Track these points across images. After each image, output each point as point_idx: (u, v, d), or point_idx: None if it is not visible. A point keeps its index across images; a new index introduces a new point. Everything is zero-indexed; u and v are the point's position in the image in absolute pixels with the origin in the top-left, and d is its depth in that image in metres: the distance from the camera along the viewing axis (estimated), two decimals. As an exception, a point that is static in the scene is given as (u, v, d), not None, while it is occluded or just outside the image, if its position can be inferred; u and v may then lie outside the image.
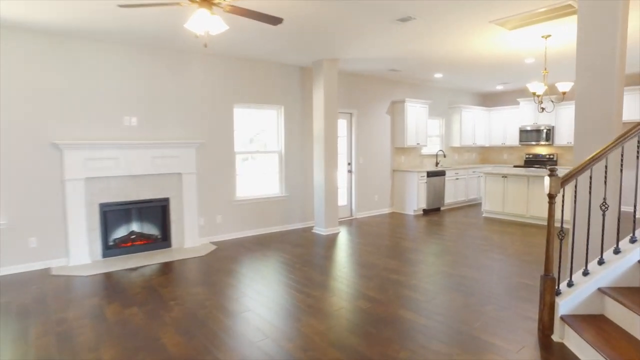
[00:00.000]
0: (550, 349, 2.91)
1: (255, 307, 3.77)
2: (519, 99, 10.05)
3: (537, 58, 6.67)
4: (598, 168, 3.38)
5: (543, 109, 5.40)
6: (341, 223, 7.74)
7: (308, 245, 6.10)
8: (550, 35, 5.28)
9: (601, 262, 3.04)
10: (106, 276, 4.71)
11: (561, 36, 5.34)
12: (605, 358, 2.40)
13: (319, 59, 6.70)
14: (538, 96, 5.47)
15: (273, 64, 6.96)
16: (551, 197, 3.00)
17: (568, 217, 6.85)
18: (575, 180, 3.05)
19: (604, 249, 3.20)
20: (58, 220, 5.14)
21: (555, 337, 3.02)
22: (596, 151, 3.06)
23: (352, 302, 3.86)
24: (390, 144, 8.89)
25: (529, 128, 9.89)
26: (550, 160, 9.89)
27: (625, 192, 8.30)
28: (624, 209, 8.03)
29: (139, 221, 5.89)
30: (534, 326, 3.28)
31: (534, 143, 9.84)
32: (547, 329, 3.05)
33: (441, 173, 9.01)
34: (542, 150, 10.13)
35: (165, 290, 4.23)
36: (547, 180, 2.97)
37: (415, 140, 8.89)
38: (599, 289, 2.92)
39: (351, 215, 8.36)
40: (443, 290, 4.15)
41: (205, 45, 3.03)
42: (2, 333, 3.28)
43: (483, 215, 8.40)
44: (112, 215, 5.58)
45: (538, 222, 7.51)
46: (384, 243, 6.16)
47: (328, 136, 6.80)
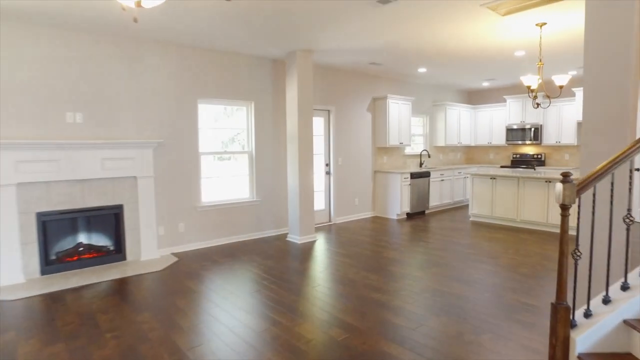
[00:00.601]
0: (565, 396, 2.36)
1: (209, 340, 3.13)
2: (506, 96, 9.61)
3: (529, 50, 6.18)
4: (618, 173, 2.85)
5: (538, 105, 4.89)
6: (319, 229, 7.14)
7: (280, 256, 5.48)
8: (545, 23, 4.77)
9: (625, 288, 2.51)
10: (38, 299, 4.00)
11: (557, 24, 4.83)
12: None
13: (292, 50, 6.09)
14: (532, 90, 4.95)
15: (242, 56, 6.31)
16: (565, 209, 2.45)
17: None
18: (593, 187, 2.51)
19: (628, 271, 2.67)
20: (-15, 233, 4.41)
21: (569, 379, 2.47)
22: (618, 152, 2.52)
23: (325, 331, 3.26)
24: (371, 144, 8.32)
25: (515, 127, 9.46)
26: (537, 160, 9.47)
27: None
28: None
29: (88, 232, 5.18)
30: (542, 362, 2.73)
31: (521, 142, 9.40)
32: (559, 369, 2.50)
33: (425, 174, 8.49)
34: (530, 149, 9.71)
35: (104, 317, 3.56)
36: (560, 187, 2.42)
37: (398, 139, 8.35)
38: (625, 322, 2.38)
39: (330, 220, 7.77)
40: (431, 313, 3.57)
41: (135, 20, 2.39)
42: None
43: (470, 219, 7.90)
44: (54, 225, 4.86)
45: (530, 227, 7.04)
46: (365, 253, 5.57)
47: (303, 135, 6.18)
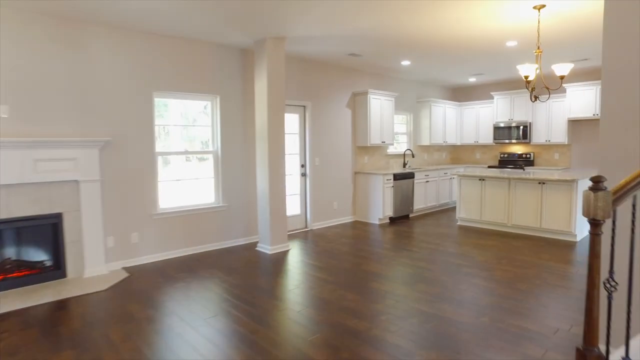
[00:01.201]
0: None
1: (137, 392, 2.45)
2: (493, 93, 9.10)
3: (521, 41, 5.64)
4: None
5: (536, 98, 4.34)
6: (293, 237, 6.49)
7: (247, 269, 4.81)
8: (544, 5, 4.21)
9: (673, 329, 1.91)
10: (-61, 333, 3.25)
11: (558, 6, 4.28)
12: None
13: (261, 38, 5.42)
14: (528, 82, 4.39)
15: (206, 44, 5.62)
16: (597, 225, 1.84)
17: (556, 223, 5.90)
18: (633, 197, 1.92)
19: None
20: None
21: None
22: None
23: (288, 375, 2.61)
24: (351, 143, 7.71)
25: (503, 125, 8.96)
26: (526, 160, 8.99)
27: None
28: None
29: (18, 245, 4.43)
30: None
31: (509, 141, 8.91)
32: None
33: (410, 175, 7.91)
34: (518, 149, 9.23)
35: None
36: (590, 197, 1.81)
37: (379, 138, 7.75)
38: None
39: (306, 226, 7.12)
40: (418, 346, 2.95)
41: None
42: None
43: (458, 223, 7.35)
44: (-26, 239, 4.11)
45: (522, 232, 6.51)
46: (342, 265, 4.94)
47: (273, 132, 5.52)
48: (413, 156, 8.64)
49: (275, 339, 3.08)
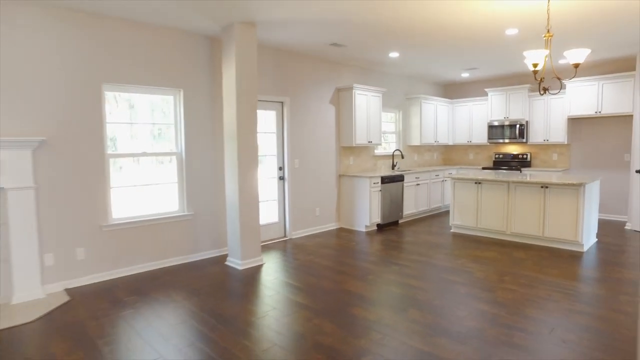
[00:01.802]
0: None
1: None
2: (487, 89, 8.50)
3: (523, 28, 5.02)
4: None
5: (545, 90, 3.71)
6: (270, 248, 5.79)
7: (211, 290, 4.10)
8: (554, -20, 3.59)
9: None
10: None
11: (570, -18, 3.66)
12: None
13: (229, 23, 4.73)
14: (535, 72, 3.75)
15: (167, 31, 4.90)
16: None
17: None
18: None
19: None
20: None
21: None
22: None
23: None
24: (335, 143, 7.03)
25: (498, 123, 8.37)
26: (522, 161, 8.40)
27: None
28: None
29: None
30: None
31: (505, 141, 8.31)
32: None
33: (399, 178, 7.26)
34: (514, 149, 8.64)
35: None
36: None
37: (366, 137, 7.08)
38: None
39: (284, 235, 6.42)
40: (411, 404, 2.28)
41: None
42: None
43: (451, 230, 6.71)
44: None
45: (523, 241, 5.89)
46: (322, 285, 4.26)
47: (243, 131, 4.83)
48: (402, 157, 7.99)
49: (226, 396, 2.38)
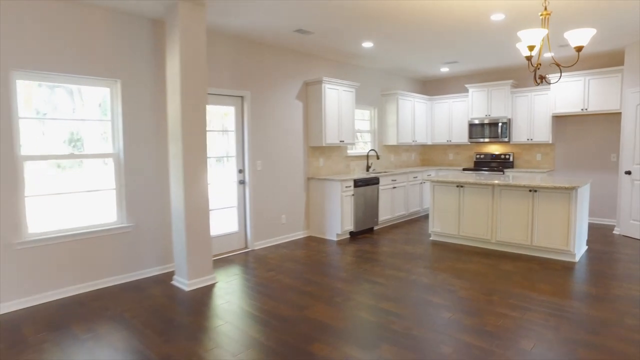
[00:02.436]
0: None
1: None
2: (468, 85, 7.98)
3: (510, 13, 4.46)
4: None
5: (542, 79, 3.13)
6: (227, 262, 5.08)
7: (146, 320, 3.38)
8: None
9: None
10: None
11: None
12: None
13: (173, 2, 4.01)
14: (529, 58, 3.16)
15: (101, 10, 4.14)
16: None
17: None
18: None
19: None
20: None
21: None
22: None
23: None
24: (303, 142, 6.36)
25: (477, 122, 7.86)
26: (505, 161, 7.91)
27: None
28: None
29: None
30: None
31: (486, 140, 7.80)
32: None
33: (374, 181, 6.65)
34: (496, 148, 8.14)
35: None
36: None
37: (337, 136, 6.44)
38: None
39: (246, 246, 5.73)
40: None
41: None
42: None
43: (431, 238, 6.13)
44: None
45: (509, 251, 5.34)
46: (280, 311, 3.59)
47: (190, 129, 4.12)
48: (378, 158, 7.38)
49: None
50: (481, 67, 7.65)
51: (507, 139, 7.55)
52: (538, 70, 3.14)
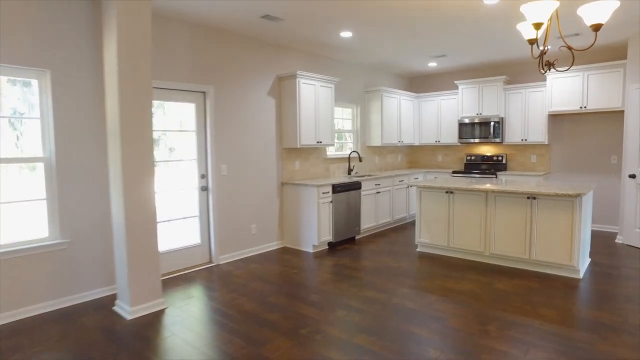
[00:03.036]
0: None
1: None
2: (458, 82, 7.41)
3: (506, -8, 3.88)
4: None
5: (550, 65, 2.53)
6: (186, 280, 4.42)
7: (58, 368, 2.72)
8: None
9: None
10: None
11: None
12: None
13: (107, -26, 3.36)
14: (532, 42, 2.56)
15: (16, -17, 3.47)
16: None
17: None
18: None
19: None
20: None
21: None
22: None
23: None
24: (276, 143, 5.73)
25: (468, 121, 7.29)
26: (497, 163, 7.35)
27: None
28: None
29: None
30: None
31: (477, 140, 7.24)
32: None
33: (355, 185, 6.04)
34: (488, 150, 7.58)
35: None
36: None
37: (314, 137, 5.82)
38: None
39: (210, 260, 5.07)
40: None
41: None
42: None
43: (418, 249, 5.53)
44: None
45: (505, 265, 4.76)
46: (233, 351, 2.94)
47: (129, 128, 3.46)
48: (360, 160, 6.77)
49: None
50: (472, 62, 7.08)
51: (500, 140, 6.99)
52: (544, 55, 2.52)
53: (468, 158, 7.70)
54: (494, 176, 6.87)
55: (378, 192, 6.57)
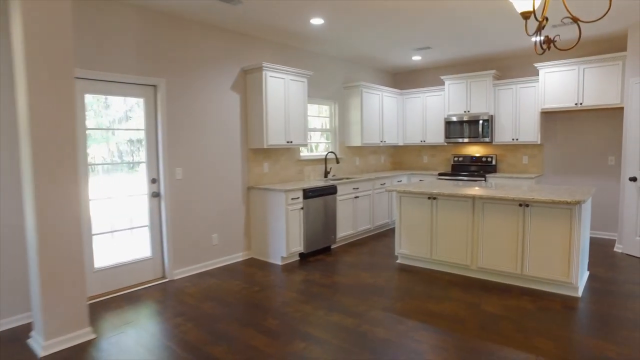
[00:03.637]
0: None
1: None
2: (444, 77, 6.88)
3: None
4: None
5: (550, 43, 2.00)
6: (131, 301, 3.82)
7: None
8: None
9: None
10: None
11: None
12: None
13: (12, -62, 2.76)
14: (529, 13, 2.03)
15: None
16: None
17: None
18: None
19: None
20: None
21: None
22: None
23: None
24: (241, 143, 5.15)
25: (455, 119, 6.77)
26: (487, 164, 6.84)
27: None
28: None
29: None
30: None
31: (465, 140, 6.71)
32: None
33: (330, 190, 5.48)
34: (476, 150, 7.07)
35: None
36: None
37: (284, 136, 5.25)
38: None
39: (163, 275, 4.48)
40: None
41: None
42: None
43: (398, 261, 4.99)
44: None
45: (494, 280, 4.22)
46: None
47: (41, 121, 2.87)
48: (338, 162, 6.21)
49: None
50: (459, 56, 6.55)
51: (489, 139, 6.47)
52: (543, 30, 1.99)
53: (455, 159, 7.17)
54: (483, 179, 6.35)
55: (356, 197, 6.01)
